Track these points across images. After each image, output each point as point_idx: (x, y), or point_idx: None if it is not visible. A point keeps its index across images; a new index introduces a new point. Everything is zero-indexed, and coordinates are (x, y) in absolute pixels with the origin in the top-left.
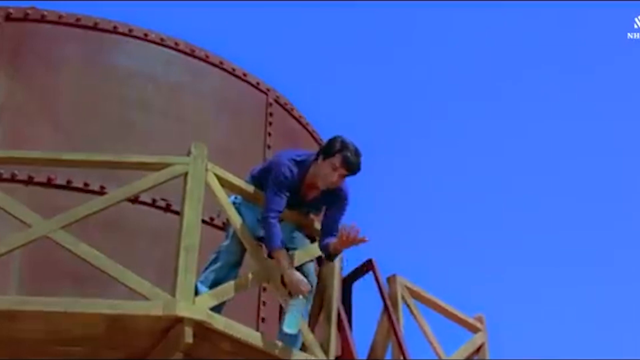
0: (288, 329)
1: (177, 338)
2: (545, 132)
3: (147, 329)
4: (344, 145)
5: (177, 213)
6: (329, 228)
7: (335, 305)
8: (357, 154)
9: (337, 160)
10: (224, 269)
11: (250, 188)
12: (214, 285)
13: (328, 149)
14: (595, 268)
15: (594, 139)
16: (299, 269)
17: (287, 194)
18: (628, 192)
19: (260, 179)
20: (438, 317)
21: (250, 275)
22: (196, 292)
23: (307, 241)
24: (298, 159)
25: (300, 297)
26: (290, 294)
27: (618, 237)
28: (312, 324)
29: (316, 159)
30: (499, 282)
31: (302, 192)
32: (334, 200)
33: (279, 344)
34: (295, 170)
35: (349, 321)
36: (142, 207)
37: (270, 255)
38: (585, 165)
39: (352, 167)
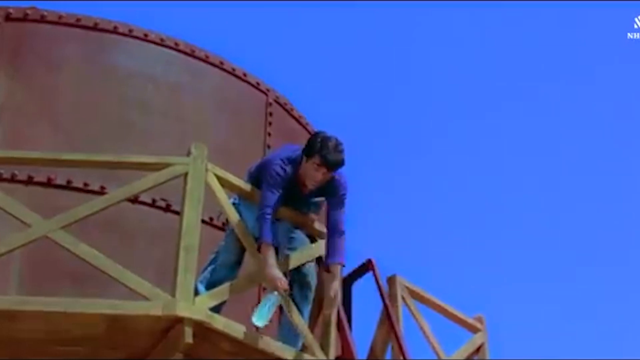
0: (256, 321)
1: (177, 338)
2: (545, 133)
3: (147, 329)
4: (323, 144)
5: (177, 213)
6: (334, 229)
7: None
8: (337, 149)
9: (317, 160)
10: (224, 268)
11: (250, 188)
12: (213, 285)
13: (309, 149)
14: (596, 268)
15: (593, 139)
16: (299, 268)
17: (281, 190)
18: (630, 191)
19: (257, 177)
20: (438, 317)
21: (249, 275)
22: (196, 292)
23: (307, 241)
24: (292, 156)
25: (276, 293)
26: (268, 289)
27: (619, 237)
28: (312, 324)
29: (302, 158)
30: (499, 282)
31: (298, 187)
32: (331, 192)
33: (279, 344)
34: (289, 167)
35: (349, 321)
36: (142, 207)
37: (259, 249)
38: (586, 165)
39: (332, 165)
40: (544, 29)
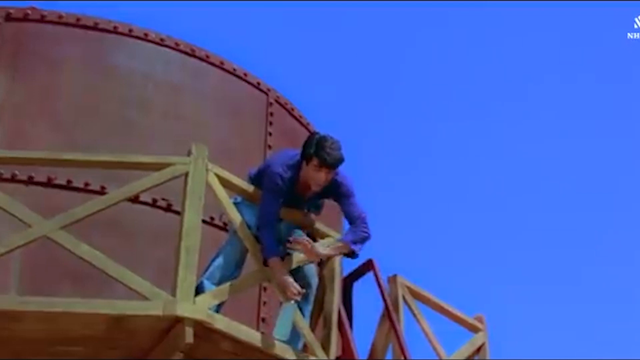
0: (279, 335)
1: (177, 338)
2: (544, 133)
3: (147, 329)
4: (319, 145)
5: (177, 213)
6: (350, 219)
7: (335, 305)
8: (333, 147)
9: (316, 162)
10: (230, 267)
11: (250, 188)
12: (221, 282)
13: (306, 153)
14: (597, 268)
15: (593, 139)
16: (300, 269)
17: (281, 200)
18: (631, 191)
19: (257, 181)
20: (438, 317)
21: (250, 275)
22: (202, 288)
23: None
24: (291, 162)
25: (292, 302)
26: (284, 300)
27: (621, 237)
28: (313, 324)
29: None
30: (499, 282)
31: (299, 191)
32: (335, 192)
33: (279, 344)
34: (288, 174)
35: (350, 321)
36: (142, 207)
37: (266, 264)
38: (587, 165)
39: (332, 164)
40: (545, 29)
